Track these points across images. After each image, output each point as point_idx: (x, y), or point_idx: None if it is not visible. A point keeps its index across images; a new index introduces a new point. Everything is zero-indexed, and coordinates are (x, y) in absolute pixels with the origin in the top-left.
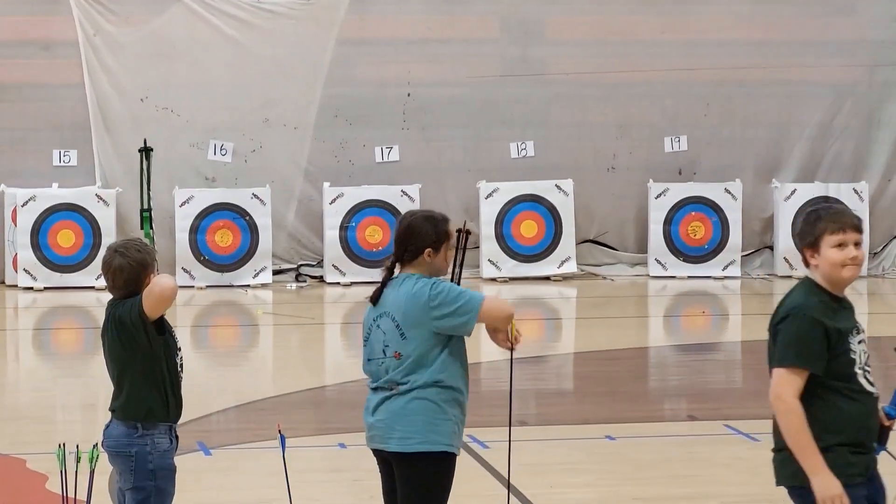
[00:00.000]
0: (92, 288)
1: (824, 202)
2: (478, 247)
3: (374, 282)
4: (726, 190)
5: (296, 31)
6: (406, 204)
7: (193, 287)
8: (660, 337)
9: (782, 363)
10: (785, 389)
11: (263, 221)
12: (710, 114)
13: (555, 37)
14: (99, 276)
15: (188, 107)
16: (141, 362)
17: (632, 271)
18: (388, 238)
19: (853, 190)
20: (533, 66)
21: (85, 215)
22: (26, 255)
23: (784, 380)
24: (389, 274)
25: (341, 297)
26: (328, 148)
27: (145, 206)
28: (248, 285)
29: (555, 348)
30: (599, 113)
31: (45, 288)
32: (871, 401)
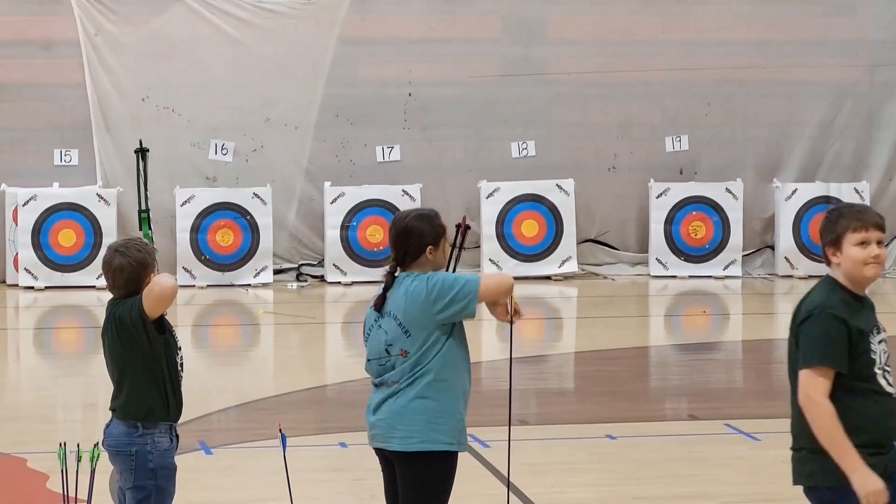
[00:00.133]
0: (93, 287)
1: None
2: (479, 246)
3: (375, 281)
4: (727, 189)
5: (297, 31)
6: (407, 203)
7: (194, 286)
8: (660, 336)
9: (809, 363)
10: (814, 390)
11: (264, 221)
12: (711, 113)
13: (556, 36)
14: (100, 276)
15: (189, 106)
16: (141, 362)
17: (633, 271)
18: None
19: (854, 190)
20: (534, 66)
21: (86, 215)
22: (27, 255)
23: (813, 380)
24: (392, 279)
25: (342, 297)
26: (329, 147)
27: (143, 207)
28: (249, 285)
29: (555, 348)
30: (600, 112)
31: (46, 287)
32: (891, 401)
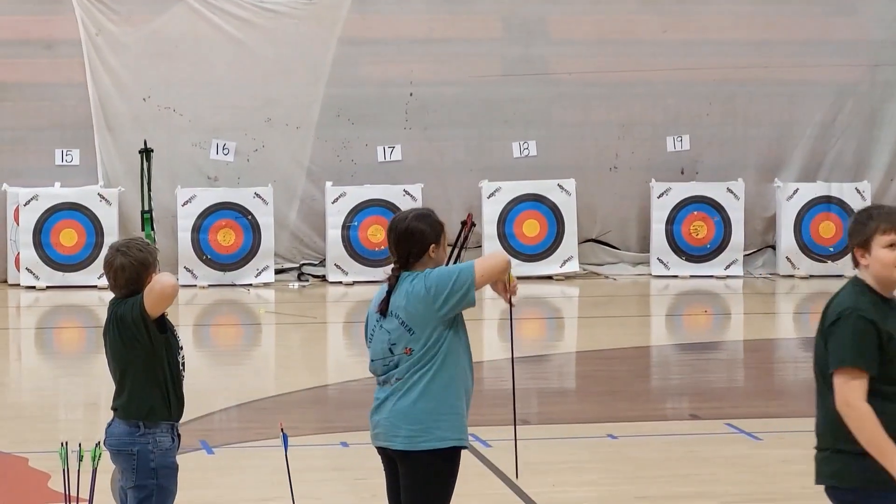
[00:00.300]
0: (94, 287)
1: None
2: (480, 246)
3: (377, 281)
4: (728, 189)
5: (298, 31)
6: (408, 203)
7: (196, 286)
8: (662, 336)
9: (842, 364)
10: (852, 395)
11: (266, 221)
12: (712, 113)
13: (557, 36)
14: (101, 276)
15: (190, 106)
16: (142, 361)
17: (634, 270)
18: None
19: (855, 189)
20: (535, 66)
21: (87, 214)
22: (28, 254)
23: (849, 385)
24: (397, 280)
25: (343, 297)
26: (330, 147)
27: (146, 208)
28: (251, 284)
29: (557, 347)
30: (601, 112)
31: (48, 287)
32: None
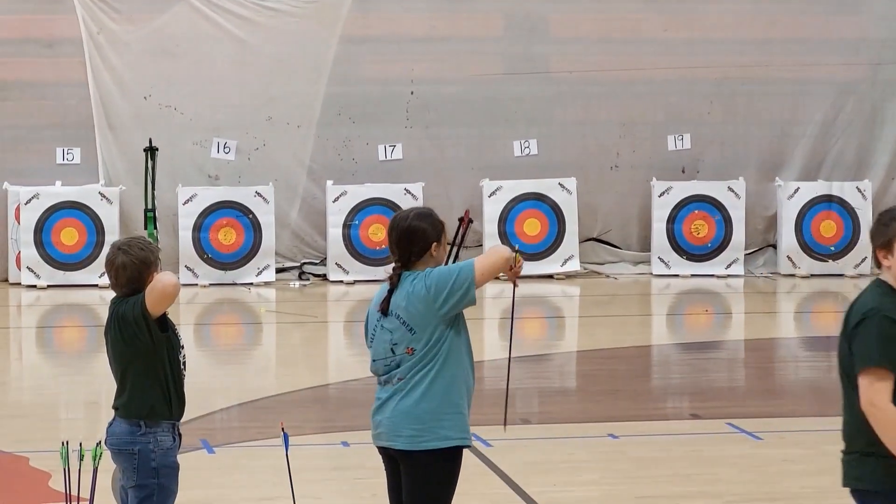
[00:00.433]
0: (95, 286)
1: None
2: (481, 245)
3: (378, 280)
4: (729, 188)
5: (299, 29)
6: (410, 202)
7: (197, 285)
8: (663, 335)
9: (866, 365)
10: (877, 396)
11: (267, 219)
12: (714, 112)
13: (558, 34)
14: (102, 274)
15: (191, 105)
16: (143, 360)
17: (635, 269)
18: None
19: (856, 188)
20: (536, 64)
21: (88, 213)
22: (29, 253)
23: (874, 386)
24: (399, 280)
25: (344, 296)
26: (331, 146)
27: (149, 206)
28: (252, 283)
29: (558, 346)
30: (603, 111)
31: (49, 286)
32: None
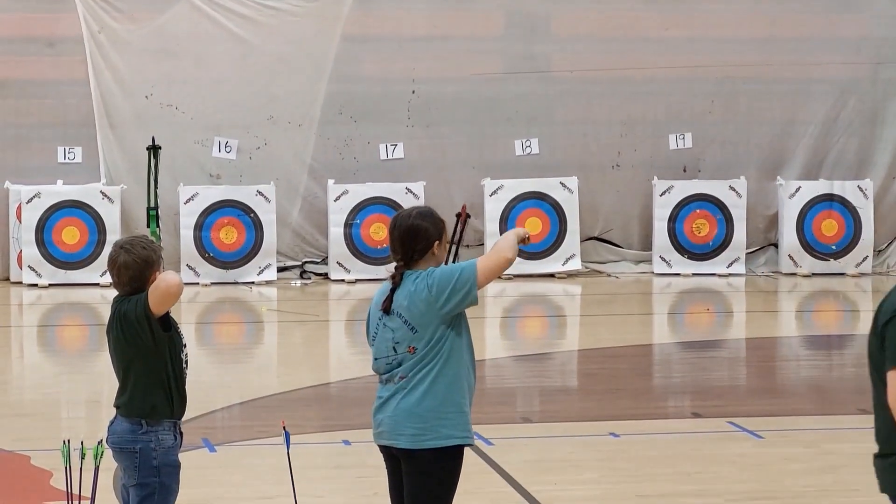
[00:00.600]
0: (96, 285)
1: None
2: (482, 244)
3: (379, 279)
4: (731, 187)
5: (300, 28)
6: (411, 201)
7: (198, 284)
8: (664, 334)
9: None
10: None
11: (268, 218)
12: (715, 111)
13: (559, 33)
14: (103, 273)
15: (193, 104)
16: (145, 359)
17: (636, 268)
18: None
19: (857, 187)
20: (537, 63)
21: (89, 212)
22: (31, 252)
23: None
24: (401, 278)
25: (346, 295)
26: (333, 145)
27: (152, 204)
28: (253, 282)
29: (559, 345)
30: (604, 110)
31: (50, 285)
32: None
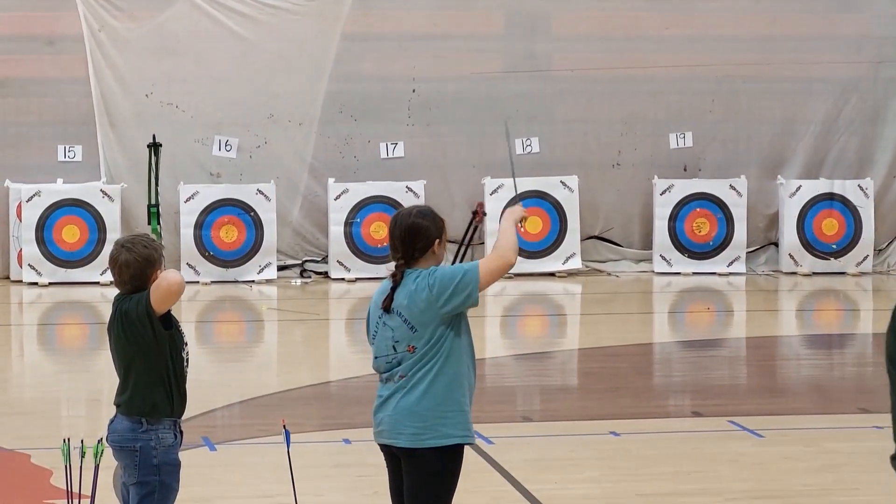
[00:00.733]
0: (97, 283)
1: None
2: (483, 242)
3: (379, 278)
4: (731, 186)
5: (300, 27)
6: (411, 200)
7: (198, 283)
8: (664, 333)
9: None
10: None
11: (268, 217)
12: (715, 110)
13: (560, 32)
14: (104, 272)
15: (193, 102)
16: (146, 357)
17: (636, 267)
18: None
19: (858, 186)
20: (538, 62)
21: (90, 211)
22: (31, 251)
23: None
24: (402, 278)
25: (346, 293)
26: (333, 144)
27: (153, 202)
28: (253, 281)
29: (559, 344)
30: (604, 109)
31: (50, 283)
32: None
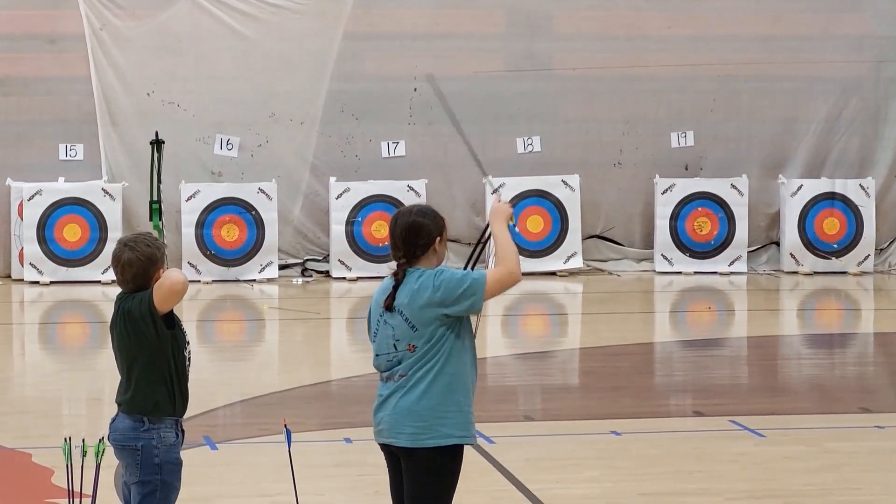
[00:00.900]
0: (98, 282)
1: None
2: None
3: (381, 277)
4: (732, 185)
5: (302, 26)
6: (412, 199)
7: (200, 282)
8: (665, 332)
9: None
10: None
11: (269, 216)
12: (717, 109)
13: (561, 31)
14: (105, 270)
15: (194, 101)
16: (149, 356)
17: (638, 267)
18: None
19: (859, 186)
20: (539, 61)
21: (91, 209)
22: (32, 250)
23: None
24: (404, 276)
25: (347, 292)
26: (334, 143)
27: (155, 199)
28: (255, 280)
29: (561, 344)
30: (606, 108)
31: (52, 282)
32: None
